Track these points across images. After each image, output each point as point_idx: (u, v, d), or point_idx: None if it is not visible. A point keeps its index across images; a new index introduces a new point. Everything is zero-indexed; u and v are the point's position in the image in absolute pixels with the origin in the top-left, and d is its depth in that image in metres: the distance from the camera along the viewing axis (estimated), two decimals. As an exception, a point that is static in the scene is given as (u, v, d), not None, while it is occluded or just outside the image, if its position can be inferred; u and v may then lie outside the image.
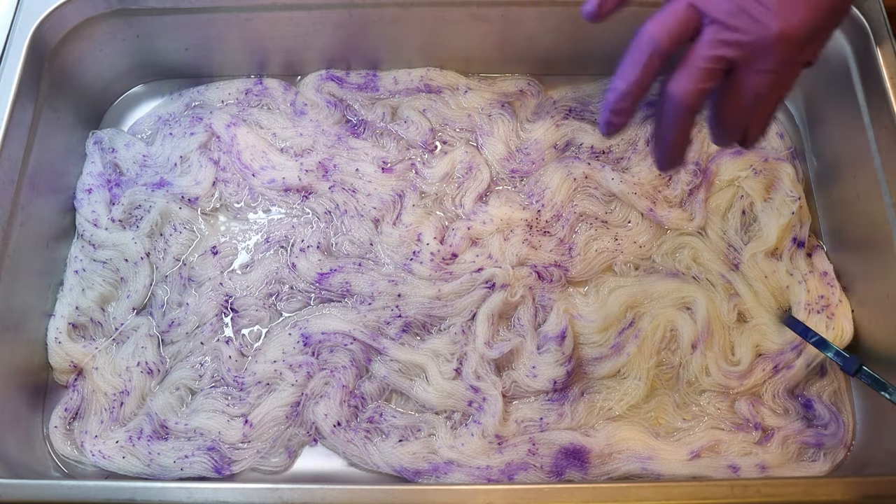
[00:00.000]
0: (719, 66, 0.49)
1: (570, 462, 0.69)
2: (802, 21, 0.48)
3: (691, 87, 0.49)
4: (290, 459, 0.72)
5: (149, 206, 0.81)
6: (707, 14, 0.49)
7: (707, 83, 0.49)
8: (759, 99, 0.50)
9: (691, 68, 0.50)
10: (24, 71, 0.75)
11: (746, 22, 0.48)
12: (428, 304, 0.76)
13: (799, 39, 0.48)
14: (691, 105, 0.50)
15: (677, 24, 0.49)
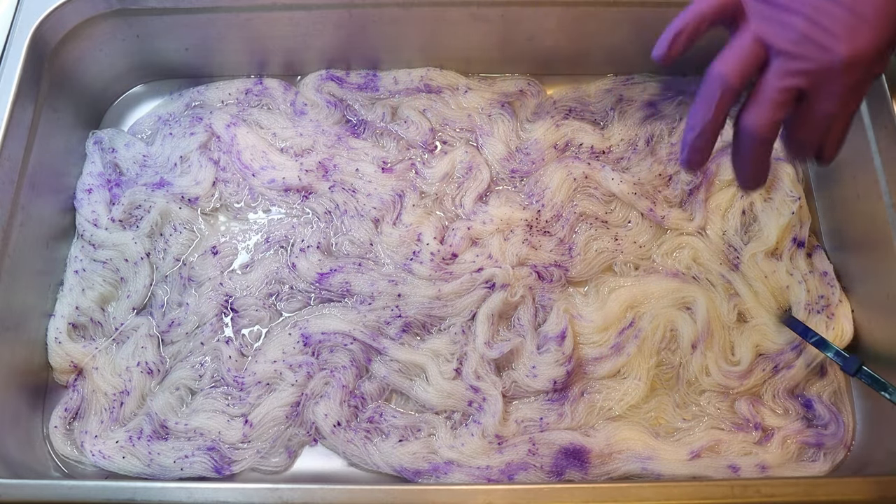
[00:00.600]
0: (790, 95, 0.49)
1: (570, 462, 0.69)
2: (869, 42, 0.47)
3: (764, 120, 0.50)
4: (290, 459, 0.72)
5: (149, 206, 0.81)
6: (773, 46, 0.49)
7: (780, 114, 0.50)
8: (833, 120, 0.50)
9: (763, 101, 0.50)
10: (24, 71, 0.75)
11: (813, 50, 0.48)
12: (428, 304, 0.76)
13: (867, 61, 0.48)
14: (766, 137, 0.50)
15: (745, 60, 0.50)
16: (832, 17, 0.47)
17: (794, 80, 0.49)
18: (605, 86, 0.88)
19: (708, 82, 0.51)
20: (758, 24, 0.50)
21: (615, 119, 0.85)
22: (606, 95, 0.87)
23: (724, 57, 0.51)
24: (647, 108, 0.86)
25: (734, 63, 0.50)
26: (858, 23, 0.47)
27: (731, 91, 0.50)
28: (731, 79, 0.50)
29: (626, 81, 0.88)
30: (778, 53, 0.49)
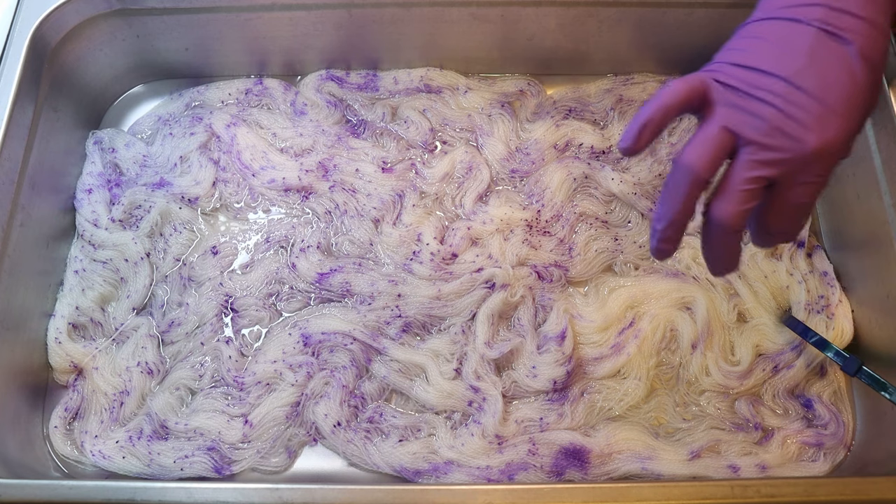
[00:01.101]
0: (760, 185, 0.48)
1: (570, 462, 0.69)
2: (838, 133, 0.47)
3: (734, 211, 0.49)
4: (290, 459, 0.72)
5: (149, 206, 0.81)
6: (742, 136, 0.48)
7: (749, 203, 0.49)
8: (804, 207, 0.50)
9: (732, 191, 0.49)
10: (24, 71, 0.75)
11: (782, 140, 0.47)
12: (428, 304, 0.76)
13: (837, 149, 0.47)
14: (736, 227, 0.50)
15: (713, 150, 0.49)
16: (801, 108, 0.47)
17: (764, 171, 0.48)
18: (605, 86, 0.88)
19: (676, 173, 0.50)
20: (726, 112, 0.49)
21: (615, 119, 0.85)
22: (606, 95, 0.87)
23: (693, 147, 0.49)
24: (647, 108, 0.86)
25: (702, 154, 0.49)
26: (828, 113, 0.47)
27: (699, 182, 0.49)
28: (700, 170, 0.49)
29: (626, 81, 0.88)
30: (747, 143, 0.48)
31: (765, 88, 0.48)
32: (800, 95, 0.47)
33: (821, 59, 0.48)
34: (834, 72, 0.47)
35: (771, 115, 0.47)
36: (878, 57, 0.49)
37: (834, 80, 0.47)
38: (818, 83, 0.47)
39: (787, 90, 0.47)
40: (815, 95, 0.47)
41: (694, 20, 0.82)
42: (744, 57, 0.50)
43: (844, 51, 0.48)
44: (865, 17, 0.48)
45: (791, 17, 0.49)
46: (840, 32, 0.48)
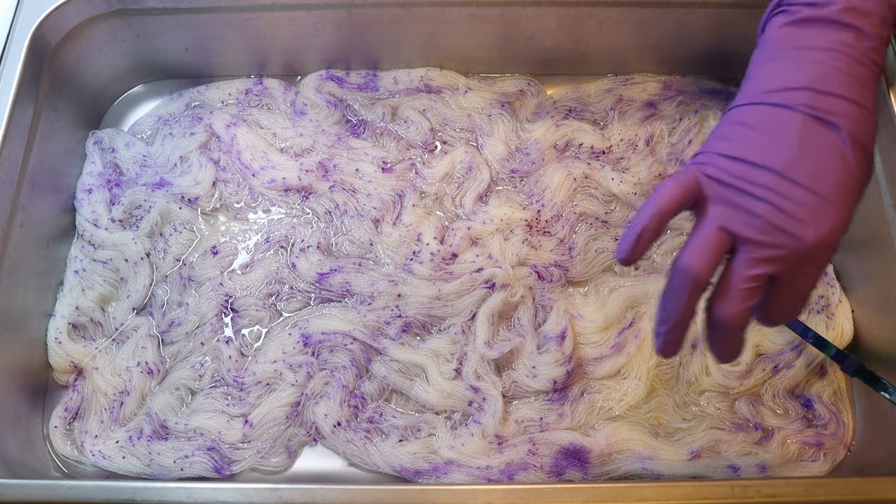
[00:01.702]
0: (760, 283, 0.48)
1: (570, 462, 0.69)
2: (835, 222, 0.46)
3: (736, 310, 0.48)
4: (290, 459, 0.72)
5: (149, 206, 0.81)
6: (738, 234, 0.48)
7: (751, 301, 0.48)
8: (806, 296, 0.49)
9: (733, 290, 0.48)
10: (24, 71, 0.75)
11: (779, 237, 0.46)
12: (428, 304, 0.76)
13: (835, 241, 0.47)
14: (739, 325, 0.49)
15: (711, 251, 0.48)
16: (795, 202, 0.46)
17: (764, 269, 0.47)
18: (605, 86, 0.88)
19: (675, 275, 0.49)
20: (720, 210, 0.48)
21: (615, 119, 0.85)
22: (606, 95, 0.87)
23: (690, 249, 0.49)
24: (647, 108, 0.86)
25: (700, 255, 0.48)
26: (822, 204, 0.46)
27: (699, 284, 0.48)
28: (699, 272, 0.48)
29: (626, 81, 0.88)
30: (744, 241, 0.47)
31: (756, 183, 0.47)
32: (792, 188, 0.46)
33: (811, 148, 0.47)
34: (825, 160, 0.46)
35: (765, 211, 0.46)
36: (868, 139, 0.48)
37: (826, 169, 0.46)
38: (810, 173, 0.46)
39: (778, 183, 0.46)
40: (807, 187, 0.46)
41: (694, 20, 0.82)
42: (732, 147, 0.49)
43: (834, 137, 0.47)
44: (852, 98, 0.47)
45: (777, 103, 0.48)
46: (828, 117, 0.47)
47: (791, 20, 0.50)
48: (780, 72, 0.49)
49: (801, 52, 0.49)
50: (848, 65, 0.48)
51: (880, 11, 0.49)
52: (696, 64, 0.88)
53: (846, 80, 0.47)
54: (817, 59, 0.48)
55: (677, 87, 0.87)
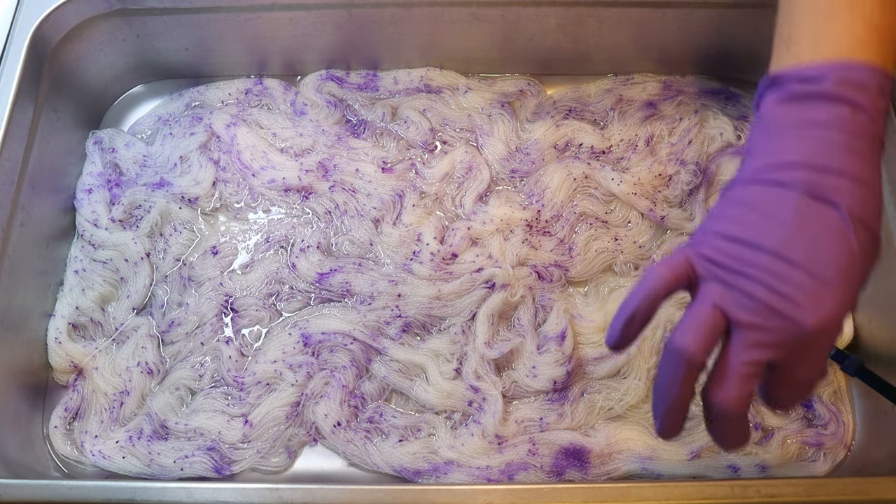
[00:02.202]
0: (758, 368, 0.45)
1: (570, 462, 0.69)
2: (835, 306, 0.44)
3: (734, 396, 0.46)
4: (290, 459, 0.72)
5: (149, 206, 0.81)
6: (732, 317, 0.45)
7: (750, 387, 0.46)
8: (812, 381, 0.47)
9: (730, 376, 0.46)
10: (24, 71, 0.75)
11: (776, 321, 0.44)
12: (428, 304, 0.76)
13: (837, 325, 0.44)
14: (738, 412, 0.47)
15: (705, 333, 0.46)
16: (792, 283, 0.44)
17: (759, 354, 0.45)
18: (605, 86, 0.88)
19: (669, 356, 0.47)
20: (714, 290, 0.46)
21: (615, 119, 0.85)
22: (606, 95, 0.87)
23: (683, 330, 0.46)
24: (647, 108, 0.86)
25: (694, 338, 0.46)
26: (821, 287, 0.43)
27: (694, 365, 0.46)
28: (693, 355, 0.46)
29: (626, 81, 0.88)
30: (739, 325, 0.45)
31: (751, 263, 0.45)
32: (789, 269, 0.44)
33: (808, 227, 0.44)
34: (824, 240, 0.44)
35: (761, 293, 0.44)
36: (871, 216, 0.45)
37: (825, 249, 0.44)
38: (808, 254, 0.44)
39: (774, 264, 0.44)
40: (805, 268, 0.44)
41: (694, 20, 0.82)
42: (727, 227, 0.47)
43: (833, 215, 0.44)
44: (851, 173, 0.45)
45: (773, 181, 0.46)
46: (826, 194, 0.44)
47: (784, 96, 0.48)
48: (775, 149, 0.47)
49: (796, 129, 0.47)
50: (845, 139, 0.45)
51: (877, 82, 0.47)
52: (696, 64, 0.88)
53: (844, 156, 0.45)
54: (813, 136, 0.46)
55: (677, 87, 0.87)
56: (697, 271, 0.48)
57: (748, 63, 0.86)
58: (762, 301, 0.44)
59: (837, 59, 0.47)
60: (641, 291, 0.48)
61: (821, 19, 0.49)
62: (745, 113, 0.86)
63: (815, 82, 0.47)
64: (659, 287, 0.48)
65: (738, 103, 0.86)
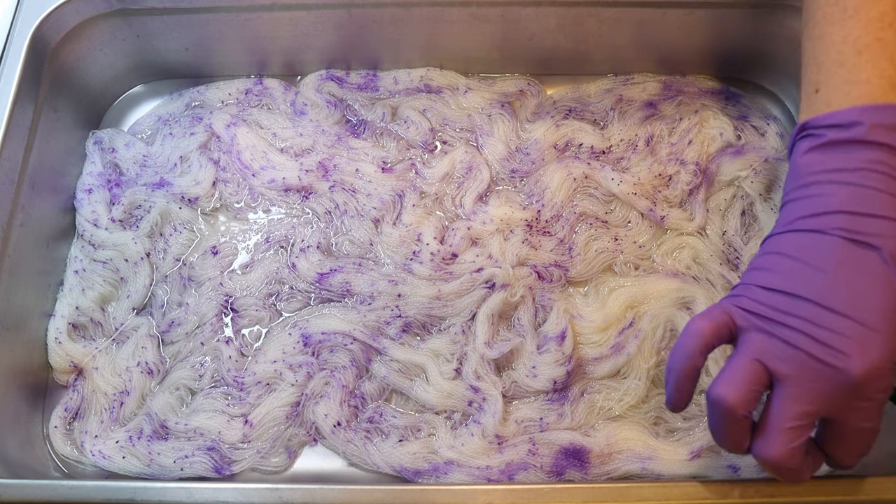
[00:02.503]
0: (805, 420, 0.44)
1: (570, 462, 0.69)
2: (882, 351, 0.42)
3: (781, 450, 0.45)
4: (290, 459, 0.72)
5: (149, 206, 0.81)
6: (775, 371, 0.44)
7: (798, 440, 0.45)
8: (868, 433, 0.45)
9: (774, 431, 0.45)
10: (24, 71, 0.75)
11: (821, 370, 0.43)
12: (428, 304, 0.76)
13: (882, 371, 0.43)
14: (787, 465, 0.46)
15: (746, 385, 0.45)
16: (836, 332, 0.42)
17: (808, 406, 0.44)
18: (605, 86, 0.88)
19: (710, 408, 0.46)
20: (755, 341, 0.45)
21: (615, 119, 0.85)
22: (606, 95, 0.87)
23: (723, 382, 0.45)
24: (647, 108, 0.86)
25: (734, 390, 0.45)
26: (866, 333, 0.42)
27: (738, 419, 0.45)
28: (734, 408, 0.45)
29: (626, 81, 0.88)
30: (783, 377, 0.44)
31: (793, 314, 0.44)
32: (831, 317, 0.43)
33: (849, 273, 0.43)
34: (866, 284, 0.43)
35: (803, 343, 0.43)
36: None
37: (867, 294, 0.43)
38: (850, 300, 0.43)
39: (815, 313, 0.43)
40: (848, 315, 0.42)
41: (694, 20, 0.82)
42: (768, 278, 0.46)
43: (874, 258, 0.43)
44: (890, 216, 0.44)
45: (811, 229, 0.45)
46: (865, 238, 0.43)
47: (818, 144, 0.47)
48: (812, 198, 0.46)
49: (831, 175, 0.46)
50: (882, 183, 0.45)
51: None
52: (696, 64, 0.88)
53: (882, 199, 0.44)
54: (849, 181, 0.45)
55: (677, 87, 0.87)
56: (738, 323, 0.47)
57: (748, 63, 0.86)
58: (804, 350, 0.43)
59: (870, 103, 0.46)
60: (682, 351, 0.47)
61: (849, 63, 0.48)
62: (745, 113, 0.86)
63: (848, 128, 0.46)
64: (698, 344, 0.47)
65: (738, 103, 0.86)
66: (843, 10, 0.49)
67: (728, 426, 0.46)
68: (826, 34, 0.50)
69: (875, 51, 0.48)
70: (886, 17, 0.48)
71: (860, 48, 0.48)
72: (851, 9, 0.49)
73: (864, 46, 0.48)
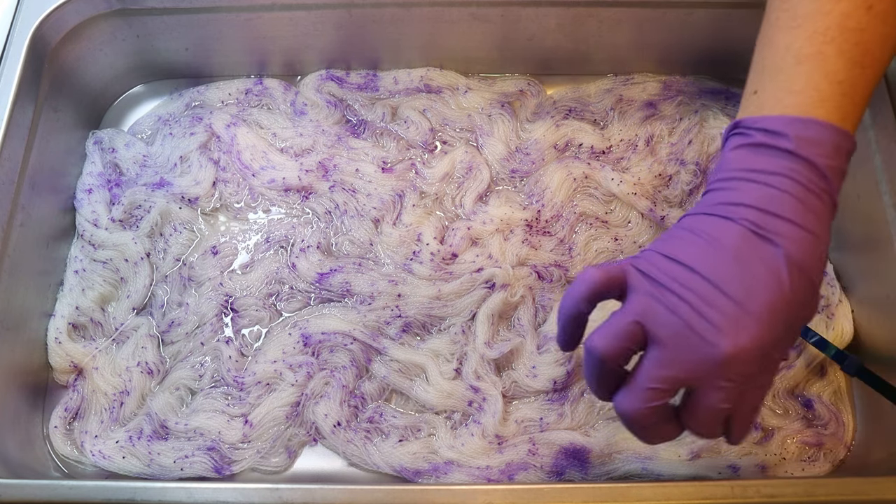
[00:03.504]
0: (668, 385, 0.47)
1: (570, 462, 0.69)
2: (754, 338, 0.44)
3: (639, 407, 0.47)
4: (290, 459, 0.72)
5: (149, 206, 0.81)
6: (652, 333, 0.47)
7: (655, 402, 0.47)
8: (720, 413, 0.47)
9: (637, 388, 0.47)
10: (24, 71, 0.75)
11: (693, 341, 0.45)
12: (428, 304, 0.76)
13: (752, 358, 0.45)
14: (643, 423, 0.48)
15: (621, 341, 0.47)
16: (718, 309, 0.44)
17: (671, 371, 0.46)
18: (605, 86, 0.88)
19: (586, 356, 0.49)
20: (641, 302, 0.47)
21: (615, 119, 0.85)
22: (606, 95, 0.87)
23: (600, 334, 0.48)
24: (647, 108, 0.86)
25: (609, 344, 0.47)
26: (745, 317, 0.44)
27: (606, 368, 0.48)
28: (606, 359, 0.47)
29: (626, 81, 0.88)
30: (657, 340, 0.46)
31: (684, 284, 0.46)
32: (717, 295, 0.45)
33: (745, 260, 0.45)
34: (757, 274, 0.45)
35: (685, 312, 0.45)
36: (811, 264, 0.46)
37: (756, 284, 0.45)
38: (739, 284, 0.45)
39: (705, 288, 0.45)
40: (733, 297, 0.45)
41: (694, 20, 0.82)
42: (670, 248, 0.48)
43: (772, 253, 0.45)
44: (798, 222, 0.46)
45: (723, 215, 0.47)
46: (768, 235, 0.46)
47: (746, 143, 0.49)
48: (731, 190, 0.48)
49: (751, 174, 0.48)
50: (798, 191, 0.47)
51: (833, 140, 0.47)
52: (696, 64, 0.88)
53: (794, 204, 0.46)
54: (766, 182, 0.47)
55: (677, 87, 0.87)
56: (630, 282, 0.49)
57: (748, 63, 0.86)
58: (684, 319, 0.45)
59: (797, 115, 0.48)
60: (570, 295, 0.50)
61: (787, 71, 0.50)
62: (745, 113, 0.85)
63: (774, 135, 0.48)
64: (586, 291, 0.49)
65: (738, 103, 0.86)
66: (793, 18, 0.51)
67: (597, 374, 0.49)
68: (774, 39, 0.52)
69: (813, 63, 0.49)
70: (830, 32, 0.49)
71: (801, 58, 0.49)
72: (801, 17, 0.50)
73: (805, 57, 0.49)
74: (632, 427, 0.50)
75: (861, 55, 0.49)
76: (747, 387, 0.46)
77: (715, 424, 0.48)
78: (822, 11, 0.49)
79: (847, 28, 0.49)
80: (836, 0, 0.49)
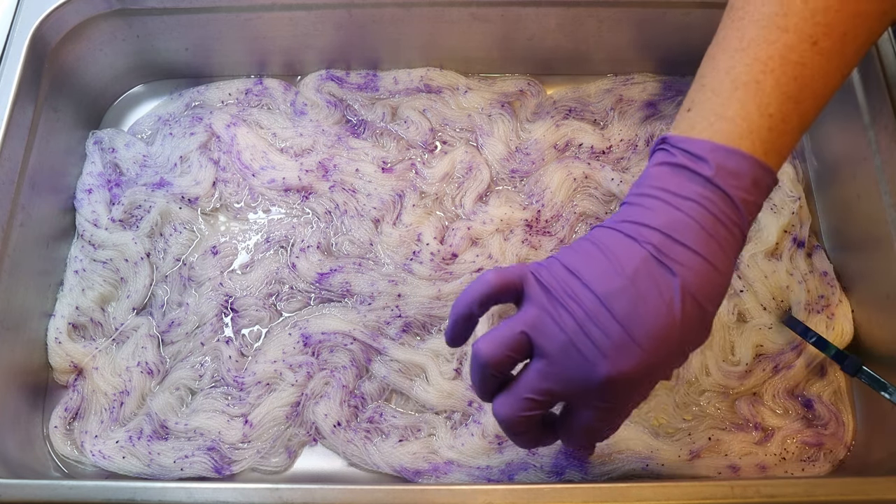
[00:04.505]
0: (545, 397, 0.47)
1: (570, 462, 0.69)
2: (634, 365, 0.44)
3: (513, 414, 0.48)
4: (290, 459, 0.72)
5: (149, 206, 0.81)
6: (538, 345, 0.47)
7: (530, 412, 0.48)
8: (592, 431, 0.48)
9: (516, 395, 0.48)
10: (24, 71, 0.75)
11: (575, 359, 0.45)
12: (428, 304, 0.76)
13: (629, 382, 0.45)
14: (515, 428, 0.49)
15: (506, 350, 0.48)
16: (603, 330, 0.45)
17: (551, 385, 0.46)
18: (605, 86, 0.88)
19: (472, 358, 0.49)
20: (532, 314, 0.47)
21: (615, 119, 0.85)
22: (606, 95, 0.87)
23: (487, 340, 0.48)
24: (647, 108, 0.86)
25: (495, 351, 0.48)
26: (628, 343, 0.44)
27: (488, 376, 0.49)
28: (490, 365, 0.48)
29: (626, 81, 0.88)
30: (541, 353, 0.47)
31: (577, 301, 0.46)
32: (606, 318, 0.45)
33: (642, 285, 0.45)
34: (649, 302, 0.45)
35: (572, 330, 0.45)
36: (707, 297, 0.46)
37: (646, 312, 0.44)
38: (629, 310, 0.45)
39: (595, 308, 0.45)
40: (621, 322, 0.44)
41: (694, 20, 0.82)
42: (574, 261, 0.48)
43: (668, 282, 0.45)
44: (700, 252, 0.45)
45: (629, 234, 0.47)
46: (668, 262, 0.45)
47: (668, 161, 0.49)
48: (643, 207, 0.48)
49: (666, 195, 0.47)
50: (706, 221, 0.46)
51: (752, 174, 0.47)
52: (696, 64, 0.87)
53: (699, 233, 0.46)
54: (677, 206, 0.47)
55: (677, 87, 0.87)
56: (527, 291, 0.49)
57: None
58: (570, 337, 0.45)
59: (723, 143, 0.47)
60: (465, 294, 0.50)
61: (723, 95, 0.49)
62: (745, 113, 0.85)
63: (696, 159, 0.48)
64: (481, 293, 0.49)
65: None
66: (739, 41, 0.50)
67: (480, 377, 0.49)
68: (717, 58, 0.51)
69: (749, 92, 0.48)
70: (771, 63, 0.48)
71: (738, 84, 0.49)
72: (746, 41, 0.50)
73: (742, 84, 0.49)
74: (506, 431, 0.50)
75: (798, 90, 0.48)
76: (615, 411, 0.48)
77: (586, 440, 0.50)
78: (768, 40, 0.49)
79: (789, 61, 0.48)
80: (783, 30, 0.48)
